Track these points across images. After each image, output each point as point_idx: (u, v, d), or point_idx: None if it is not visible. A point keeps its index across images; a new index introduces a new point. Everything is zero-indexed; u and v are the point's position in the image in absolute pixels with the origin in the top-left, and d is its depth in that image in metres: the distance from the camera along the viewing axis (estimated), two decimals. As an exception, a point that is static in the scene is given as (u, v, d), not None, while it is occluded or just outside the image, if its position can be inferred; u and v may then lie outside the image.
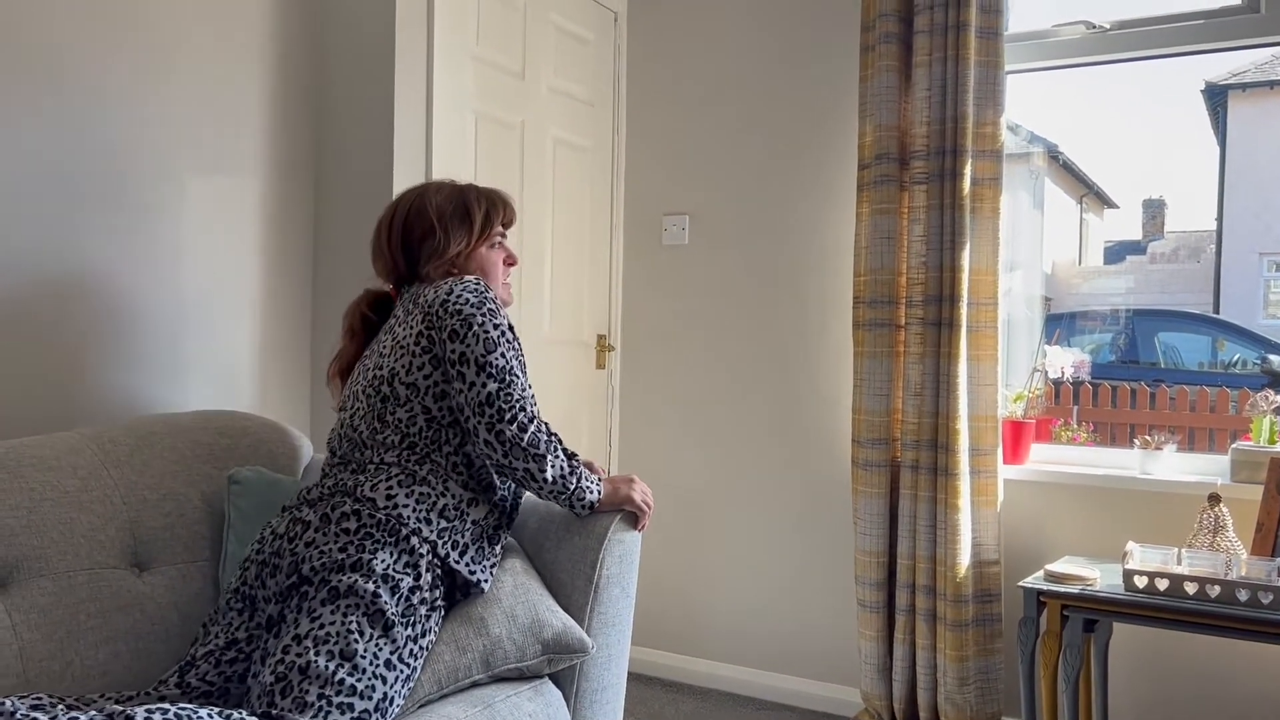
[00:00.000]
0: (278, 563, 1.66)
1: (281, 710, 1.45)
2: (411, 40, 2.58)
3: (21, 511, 1.69)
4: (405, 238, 1.93)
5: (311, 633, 1.53)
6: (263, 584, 1.67)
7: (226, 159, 2.44)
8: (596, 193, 3.36)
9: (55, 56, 2.07)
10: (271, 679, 1.49)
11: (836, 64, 3.13)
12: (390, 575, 1.61)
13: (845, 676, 3.12)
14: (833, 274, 3.14)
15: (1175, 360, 4.75)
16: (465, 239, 1.92)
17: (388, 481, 1.71)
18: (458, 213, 1.92)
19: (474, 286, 1.81)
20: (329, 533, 1.64)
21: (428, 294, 1.82)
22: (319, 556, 1.61)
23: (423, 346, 1.77)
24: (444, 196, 1.94)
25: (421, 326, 1.79)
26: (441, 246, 1.90)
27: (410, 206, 1.94)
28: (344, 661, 1.50)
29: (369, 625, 1.55)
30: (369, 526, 1.65)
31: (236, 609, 1.69)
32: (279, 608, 1.64)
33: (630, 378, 3.49)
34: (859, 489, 2.88)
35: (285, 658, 1.51)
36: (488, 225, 1.95)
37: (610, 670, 1.95)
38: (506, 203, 2.00)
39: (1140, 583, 2.26)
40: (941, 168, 2.77)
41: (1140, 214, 5.34)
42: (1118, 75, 3.07)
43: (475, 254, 1.94)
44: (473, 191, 1.97)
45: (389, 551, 1.63)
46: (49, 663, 1.63)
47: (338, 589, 1.57)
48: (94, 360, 2.17)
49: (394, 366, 1.78)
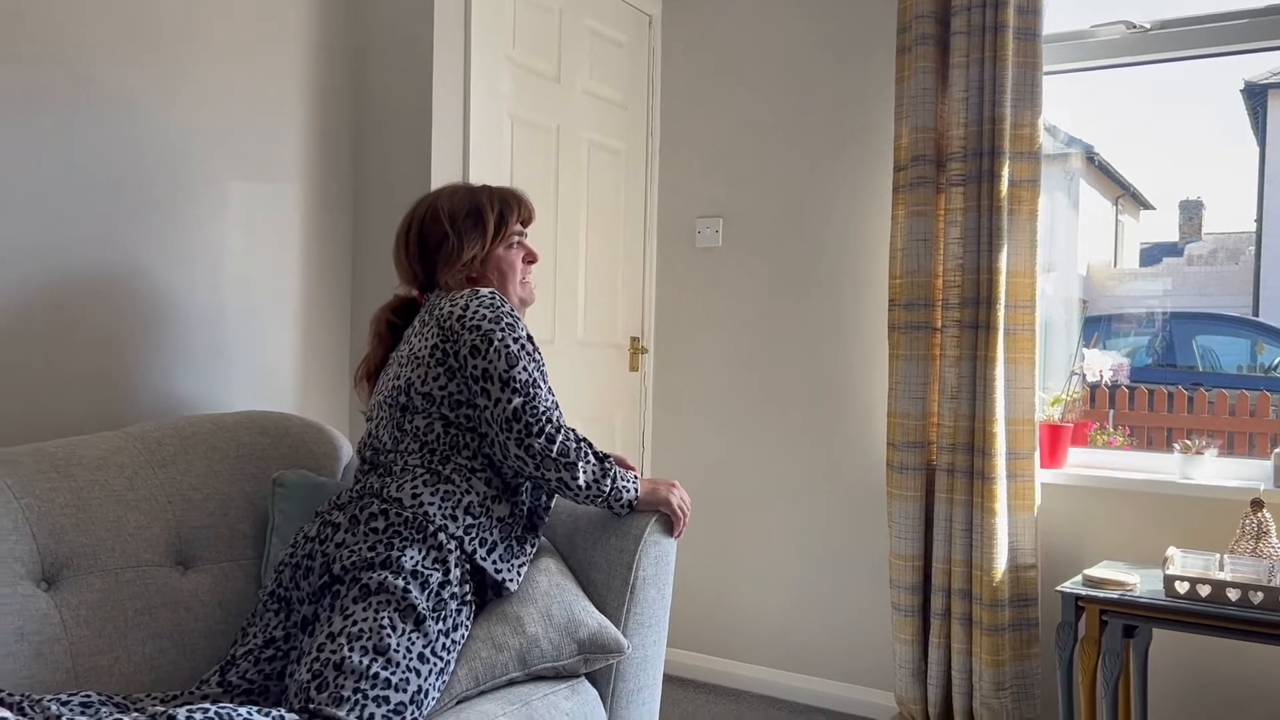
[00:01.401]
0: (310, 564, 1.69)
1: (319, 705, 1.47)
2: (449, 44, 2.60)
3: (71, 510, 1.72)
4: (421, 246, 1.93)
5: (345, 629, 1.55)
6: (296, 585, 1.70)
7: (266, 163, 2.47)
8: (630, 195, 3.37)
9: (103, 62, 2.10)
10: (308, 676, 1.52)
11: (872, 65, 3.12)
12: (419, 571, 1.63)
13: (879, 680, 3.11)
14: (868, 277, 3.13)
15: (1213, 363, 4.69)
16: (480, 242, 1.90)
17: (413, 482, 1.73)
18: (471, 216, 1.91)
19: (489, 300, 1.80)
20: (358, 533, 1.67)
21: (443, 306, 1.81)
22: (349, 555, 1.64)
23: (437, 359, 1.78)
24: (456, 200, 1.93)
25: (437, 340, 1.79)
26: (456, 251, 1.89)
27: (425, 214, 1.94)
28: (378, 656, 1.52)
29: (401, 620, 1.57)
30: (396, 525, 1.67)
31: (273, 610, 1.72)
32: (313, 608, 1.67)
33: (664, 380, 3.50)
34: (894, 492, 2.87)
35: (320, 655, 1.54)
36: (502, 225, 1.93)
37: (646, 671, 1.96)
38: (521, 200, 1.98)
39: (1181, 588, 2.23)
40: (979, 169, 2.75)
41: (1177, 215, 5.27)
42: (1155, 75, 3.04)
43: (493, 256, 1.93)
44: (485, 192, 1.95)
45: (417, 548, 1.65)
46: (97, 658, 1.66)
47: (368, 586, 1.60)
48: (137, 361, 2.21)
49: (410, 377, 1.80)
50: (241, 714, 1.39)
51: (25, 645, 1.58)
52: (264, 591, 1.76)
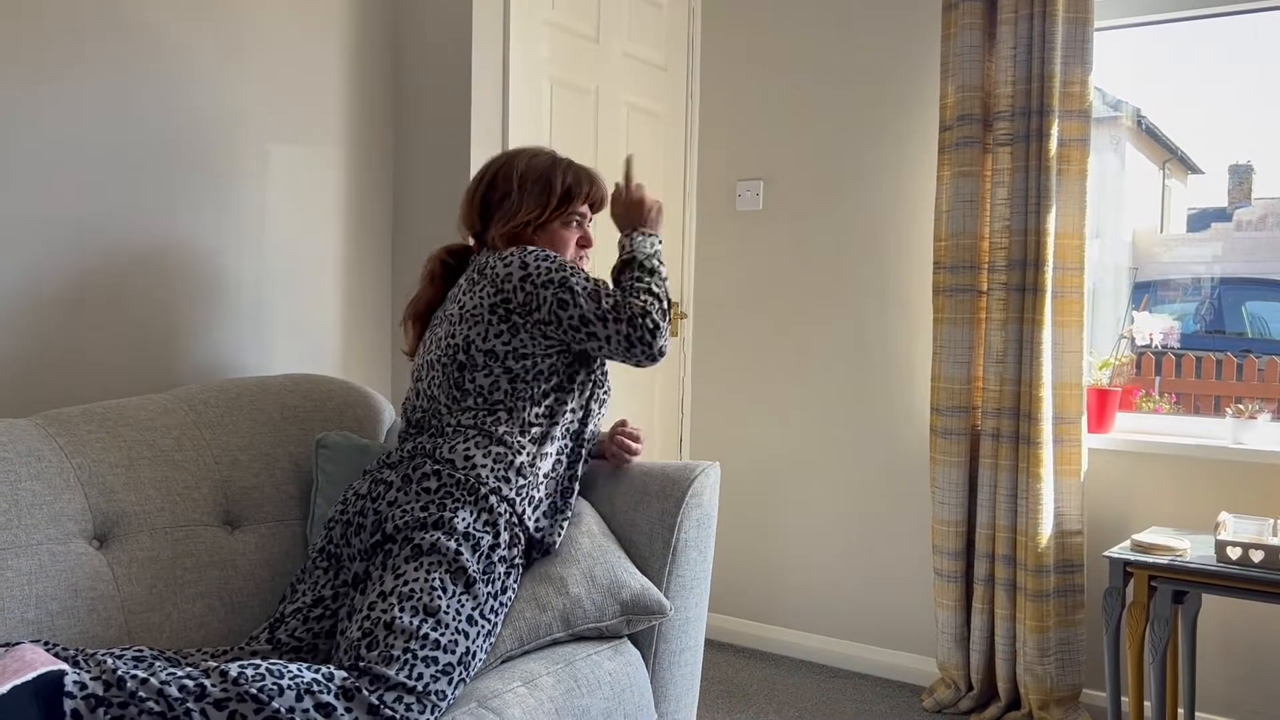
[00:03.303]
0: (361, 521, 1.70)
1: (369, 662, 1.48)
2: (488, 6, 2.57)
3: (120, 469, 1.74)
4: (486, 195, 1.93)
5: (396, 589, 1.56)
6: (347, 542, 1.71)
7: (308, 128, 2.46)
8: (669, 158, 3.34)
9: (151, 30, 2.10)
10: (359, 634, 1.53)
11: (917, 22, 3.06)
12: (471, 534, 1.64)
13: (921, 646, 3.10)
14: (911, 239, 3.08)
15: (1263, 330, 4.59)
16: (539, 209, 1.89)
17: (465, 443, 1.74)
18: (540, 181, 1.90)
19: (543, 253, 1.81)
20: (410, 492, 1.68)
21: (495, 265, 1.81)
22: (402, 515, 1.65)
23: (499, 315, 1.78)
24: (533, 163, 1.93)
25: (495, 298, 1.78)
26: (512, 210, 1.89)
27: (500, 166, 1.94)
28: (428, 617, 1.53)
29: (451, 582, 1.58)
30: (449, 486, 1.68)
31: (322, 568, 1.73)
32: (364, 565, 1.68)
33: (703, 345, 3.48)
34: (937, 457, 2.84)
35: (371, 613, 1.55)
36: (567, 200, 1.92)
37: (688, 633, 1.96)
38: (594, 181, 1.97)
39: (1234, 554, 2.19)
40: (1027, 129, 2.70)
41: (1226, 180, 5.14)
42: (1202, 35, 2.95)
43: (548, 227, 1.92)
44: (563, 164, 1.94)
45: (469, 510, 1.66)
46: (149, 614, 1.69)
47: (420, 546, 1.60)
48: (182, 324, 2.23)
49: (468, 334, 1.79)
50: (291, 670, 1.41)
51: (80, 601, 1.61)
52: (314, 549, 1.78)
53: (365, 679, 1.45)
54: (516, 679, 1.65)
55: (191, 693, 1.33)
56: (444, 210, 2.61)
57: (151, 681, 1.32)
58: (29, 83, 1.93)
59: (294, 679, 1.39)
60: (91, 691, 1.28)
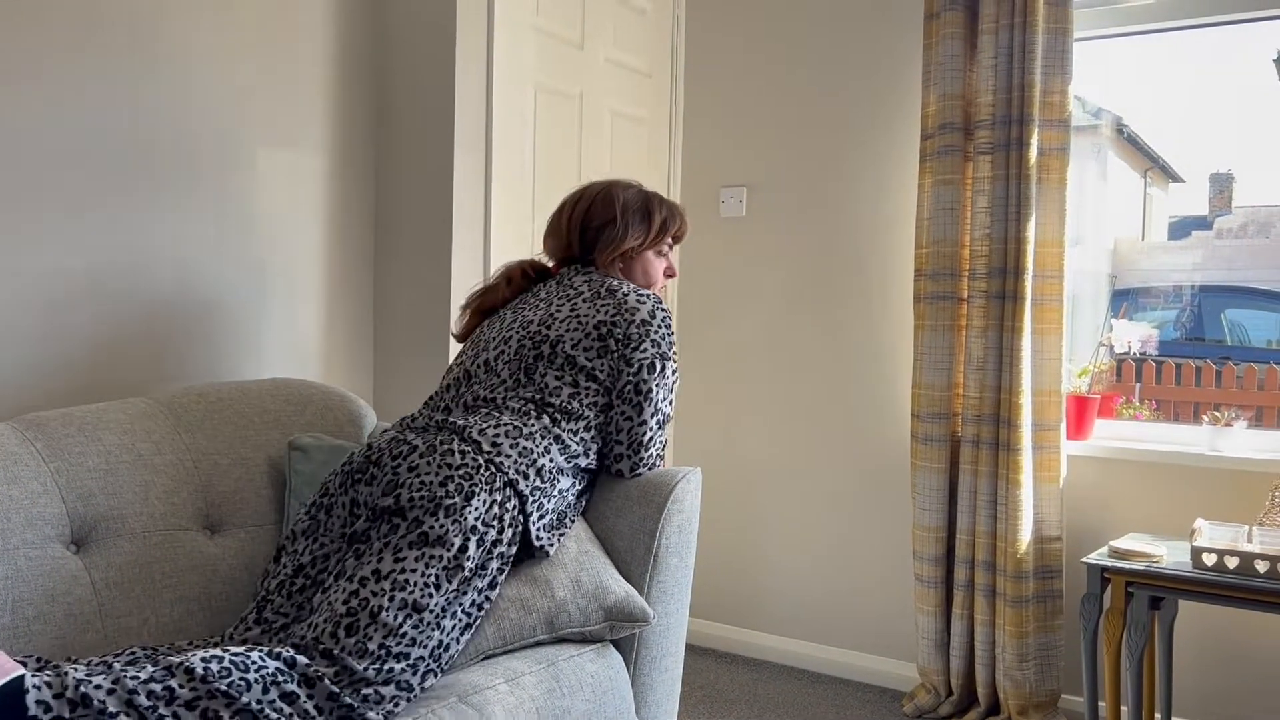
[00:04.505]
0: (375, 473, 1.69)
1: (343, 649, 1.48)
2: (472, 11, 2.58)
3: (99, 474, 1.73)
4: (585, 221, 2.06)
5: (392, 575, 1.56)
6: (348, 490, 1.70)
7: (291, 133, 2.46)
8: (653, 165, 3.35)
9: (132, 35, 2.10)
10: (343, 609, 1.53)
11: (899, 31, 3.08)
12: (479, 527, 1.64)
13: (902, 651, 3.11)
14: (893, 246, 3.10)
15: (1242, 338, 4.63)
16: (642, 237, 2.05)
17: (495, 429, 1.76)
18: (641, 211, 2.06)
19: (668, 320, 1.94)
20: (433, 461, 1.67)
21: (629, 298, 1.92)
22: (420, 487, 1.63)
23: (601, 334, 1.87)
24: (631, 194, 2.08)
25: (610, 320, 1.88)
26: (619, 237, 2.03)
27: (598, 194, 2.08)
28: (413, 613, 1.54)
29: (446, 579, 1.59)
30: (470, 468, 1.68)
31: (303, 530, 1.73)
32: (367, 525, 1.65)
33: (687, 351, 3.49)
34: (918, 463, 2.86)
35: (361, 591, 1.54)
36: (664, 230, 2.08)
37: (669, 639, 1.96)
38: (683, 218, 2.14)
39: (1209, 560, 2.21)
40: (1007, 137, 2.72)
41: (1207, 188, 5.18)
42: (1185, 45, 2.98)
43: (644, 255, 2.08)
44: (657, 197, 2.11)
45: (483, 497, 1.66)
46: (127, 619, 1.68)
47: (427, 535, 1.59)
48: (164, 328, 2.22)
49: (562, 334, 1.88)
50: (255, 661, 1.41)
51: (57, 607, 1.60)
52: (301, 510, 1.78)
53: (332, 668, 1.46)
54: (499, 676, 1.65)
55: (160, 697, 1.32)
56: (427, 215, 2.61)
57: (118, 691, 1.31)
58: (2, 85, 1.92)
59: (259, 671, 1.39)
60: (58, 714, 1.27)
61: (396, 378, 2.68)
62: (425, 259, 2.61)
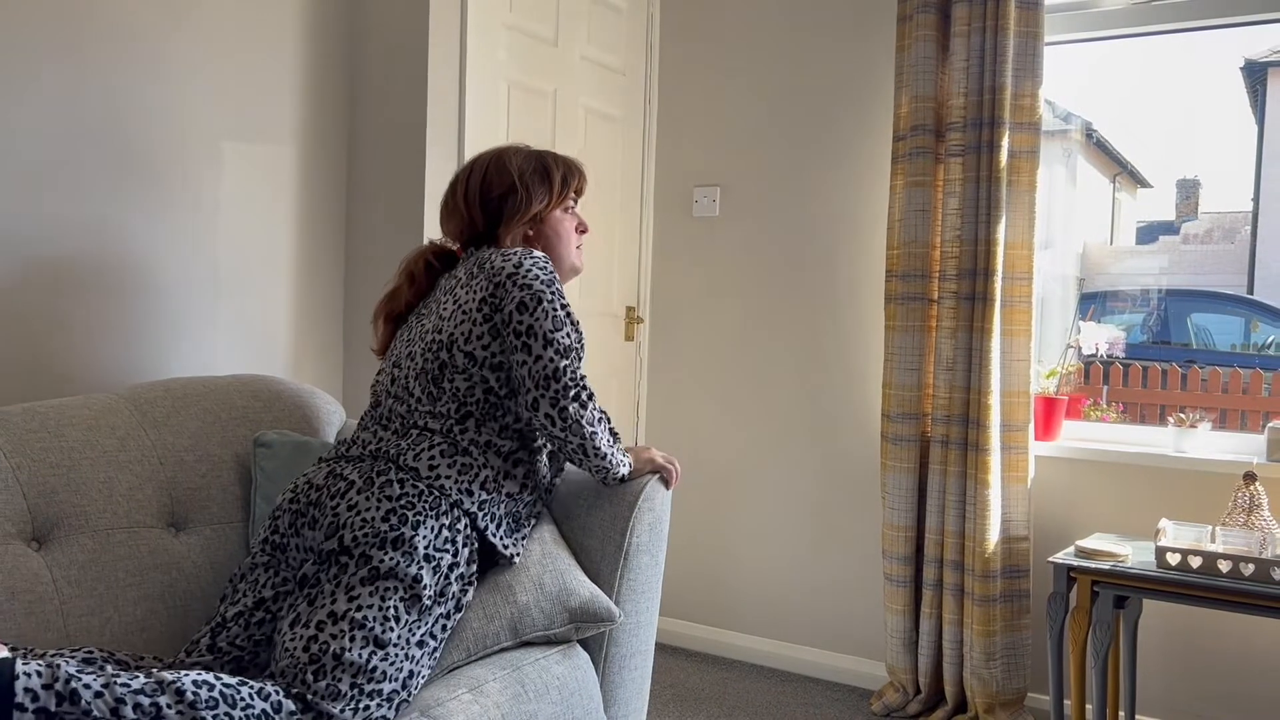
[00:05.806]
0: (316, 515, 1.64)
1: (316, 696, 1.46)
2: (446, 7, 2.56)
3: (61, 470, 1.71)
4: (484, 195, 1.92)
5: (349, 614, 1.52)
6: (297, 532, 1.66)
7: (261, 127, 2.44)
8: (627, 163, 3.35)
9: (100, 26, 2.07)
10: (305, 658, 1.49)
11: (873, 34, 3.09)
12: (431, 555, 1.60)
13: (871, 650, 3.12)
14: (865, 247, 3.12)
15: (1207, 341, 4.69)
16: (546, 198, 1.93)
17: (430, 451, 1.70)
18: (538, 172, 1.93)
19: (543, 264, 1.80)
20: (371, 496, 1.62)
21: (495, 260, 1.80)
22: (361, 525, 1.59)
23: (484, 314, 1.76)
24: (523, 157, 1.95)
25: (485, 294, 1.77)
26: (523, 204, 1.91)
27: (489, 165, 1.94)
28: (378, 649, 1.51)
29: (405, 611, 1.55)
30: (411, 496, 1.63)
31: (263, 563, 1.68)
32: (315, 568, 1.62)
33: (659, 350, 3.49)
34: (888, 463, 2.87)
35: (320, 635, 1.51)
36: (565, 187, 1.96)
37: (639, 637, 1.96)
38: (580, 170, 2.02)
39: (1173, 560, 2.24)
40: (978, 140, 2.74)
41: (1174, 194, 5.24)
42: (1154, 53, 3.02)
43: (551, 215, 1.96)
44: (550, 154, 1.99)
45: (431, 524, 1.62)
46: (88, 618, 1.66)
47: (378, 569, 1.56)
48: (130, 322, 2.19)
49: (454, 332, 1.77)
50: (244, 699, 1.39)
51: (17, 604, 1.58)
52: (257, 540, 1.73)
53: (310, 714, 1.44)
54: (462, 686, 1.63)
55: (147, 713, 1.31)
56: (398, 211, 2.60)
57: (106, 696, 1.29)
58: (-28, 75, 1.89)
59: (246, 710, 1.38)
60: (43, 705, 1.25)
61: (366, 374, 2.66)
62: (396, 256, 2.60)
